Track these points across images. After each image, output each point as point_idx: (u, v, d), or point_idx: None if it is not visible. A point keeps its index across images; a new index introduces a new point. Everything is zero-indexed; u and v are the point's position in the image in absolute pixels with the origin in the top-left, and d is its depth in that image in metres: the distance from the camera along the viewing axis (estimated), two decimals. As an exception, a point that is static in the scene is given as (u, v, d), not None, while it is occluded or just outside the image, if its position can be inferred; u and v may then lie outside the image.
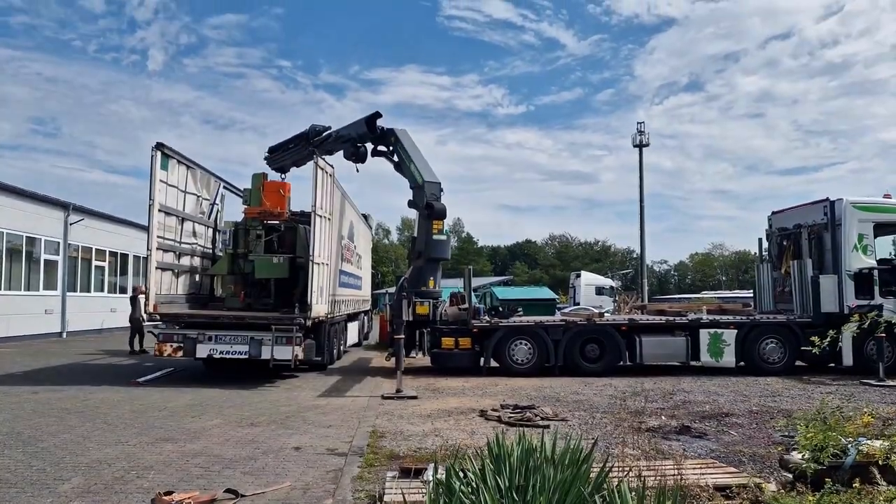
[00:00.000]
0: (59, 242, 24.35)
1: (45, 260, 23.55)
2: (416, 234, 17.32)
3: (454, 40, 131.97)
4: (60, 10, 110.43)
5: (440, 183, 16.58)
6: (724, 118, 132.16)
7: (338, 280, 15.93)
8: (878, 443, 5.30)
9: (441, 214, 16.37)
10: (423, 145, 17.68)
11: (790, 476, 5.50)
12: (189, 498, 5.35)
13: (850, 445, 5.24)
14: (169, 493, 5.44)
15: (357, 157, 17.72)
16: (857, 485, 4.68)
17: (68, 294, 24.70)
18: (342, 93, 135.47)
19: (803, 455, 5.34)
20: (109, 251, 28.15)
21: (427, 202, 16.13)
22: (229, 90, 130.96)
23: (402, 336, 12.72)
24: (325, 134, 18.16)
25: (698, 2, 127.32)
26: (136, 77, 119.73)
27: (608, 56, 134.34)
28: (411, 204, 16.95)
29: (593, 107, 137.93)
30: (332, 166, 14.17)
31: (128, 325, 19.76)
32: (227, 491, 5.70)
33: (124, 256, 29.35)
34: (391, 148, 17.41)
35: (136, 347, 19.07)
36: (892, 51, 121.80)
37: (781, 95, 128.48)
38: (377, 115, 17.45)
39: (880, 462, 5.04)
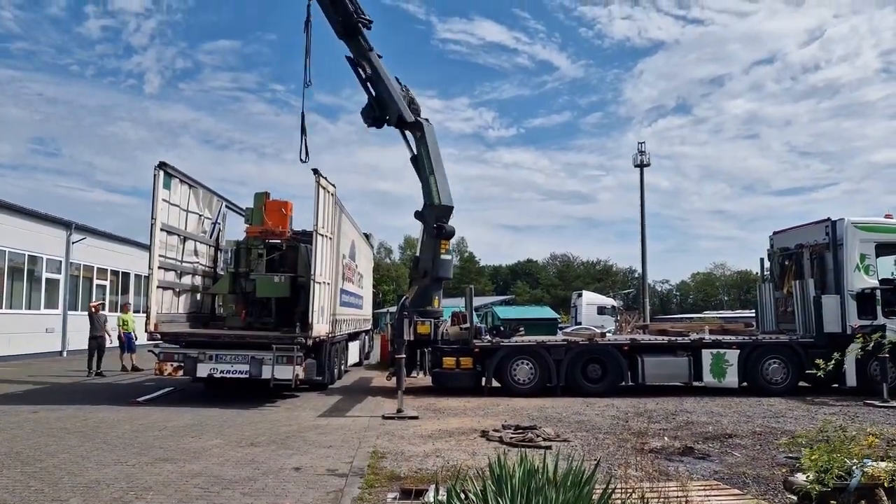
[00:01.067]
0: (60, 261, 24.40)
1: (46, 278, 23.58)
2: (419, 253, 17.23)
3: (448, 63, 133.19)
4: (58, 37, 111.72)
5: (453, 207, 16.69)
6: (717, 140, 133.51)
7: (339, 299, 15.92)
8: (883, 464, 5.26)
9: (450, 235, 16.55)
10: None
11: (795, 498, 5.44)
12: (188, 519, 5.31)
13: (855, 467, 5.19)
14: (168, 514, 5.40)
15: (375, 120, 16.87)
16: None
17: (69, 313, 24.68)
18: (335, 115, 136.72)
19: (808, 477, 5.29)
20: (111, 270, 28.19)
21: (438, 223, 16.24)
22: (226, 113, 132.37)
23: (404, 355, 12.68)
24: (371, 52, 16.46)
25: (688, 25, 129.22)
26: (134, 99, 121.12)
27: (595, 80, 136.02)
28: (419, 215, 16.89)
29: (583, 129, 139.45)
30: (333, 185, 14.23)
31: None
32: (227, 512, 5.66)
33: (126, 275, 29.38)
34: (415, 141, 16.91)
35: (95, 368, 18.08)
36: (875, 75, 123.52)
37: (769, 118, 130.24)
38: (415, 110, 16.80)
39: (886, 484, 4.99)
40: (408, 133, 17.02)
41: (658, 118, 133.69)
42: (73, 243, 24.87)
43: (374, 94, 16.74)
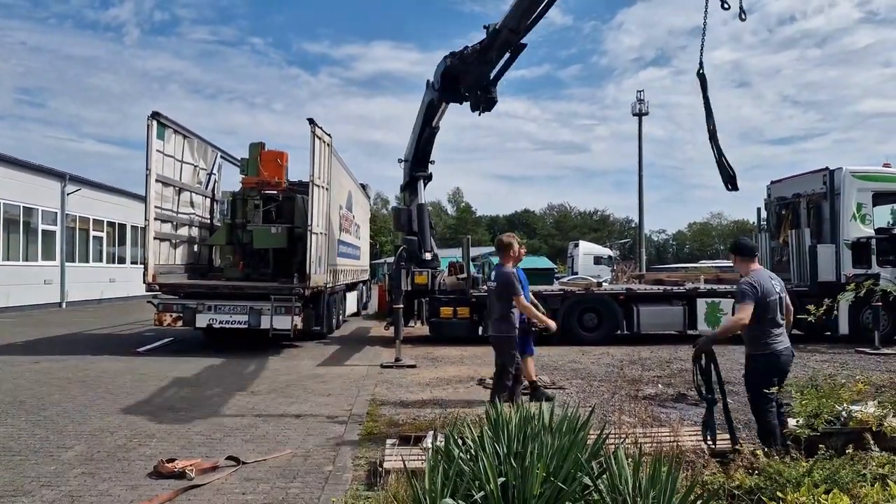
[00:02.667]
0: (56, 213, 24.28)
1: (42, 230, 23.50)
2: (427, 209, 17.11)
3: (435, 12, 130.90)
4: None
5: None
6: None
7: (336, 250, 15.93)
8: (872, 410, 5.36)
9: None
10: (412, 112, 17.66)
11: (785, 442, 5.55)
12: (191, 465, 5.42)
13: (844, 412, 5.29)
14: (171, 460, 5.50)
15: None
16: (850, 451, 4.74)
17: (67, 264, 24.69)
18: (315, 68, 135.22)
19: (798, 422, 5.40)
20: (107, 221, 28.09)
21: None
22: (210, 63, 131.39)
23: (401, 305, 12.75)
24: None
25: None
26: (116, 50, 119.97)
27: (572, 33, 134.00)
28: (426, 177, 17.15)
29: (564, 82, 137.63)
30: (329, 135, 14.06)
31: (127, 295, 19.60)
32: (229, 458, 5.77)
33: (122, 226, 29.28)
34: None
35: None
36: (856, 25, 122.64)
37: (755, 68, 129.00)
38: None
39: (874, 428, 5.10)
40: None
41: (639, 70, 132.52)
42: (67, 194, 24.70)
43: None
